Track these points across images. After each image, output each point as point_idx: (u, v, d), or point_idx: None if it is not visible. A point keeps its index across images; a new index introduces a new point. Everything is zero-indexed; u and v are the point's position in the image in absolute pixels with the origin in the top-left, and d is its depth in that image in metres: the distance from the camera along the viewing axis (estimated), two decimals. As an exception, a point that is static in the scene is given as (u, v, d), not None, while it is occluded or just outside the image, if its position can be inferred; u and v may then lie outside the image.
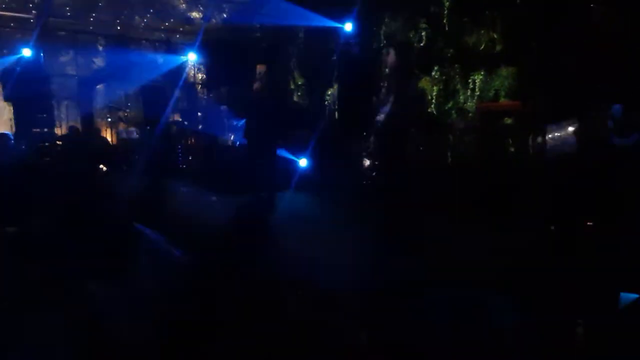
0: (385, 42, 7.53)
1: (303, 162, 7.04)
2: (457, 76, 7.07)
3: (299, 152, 7.09)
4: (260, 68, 5.65)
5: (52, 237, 3.94)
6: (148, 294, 2.80)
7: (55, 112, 10.12)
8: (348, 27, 8.08)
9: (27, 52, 9.11)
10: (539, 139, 3.09)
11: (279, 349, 2.06)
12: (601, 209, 3.41)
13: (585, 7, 3.44)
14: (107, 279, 2.99)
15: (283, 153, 6.86)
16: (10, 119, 9.44)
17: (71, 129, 10.26)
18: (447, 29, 7.19)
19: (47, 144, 8.49)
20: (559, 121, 2.94)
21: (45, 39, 10.60)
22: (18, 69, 9.23)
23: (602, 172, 3.19)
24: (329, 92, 9.10)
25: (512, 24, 6.57)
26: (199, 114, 8.92)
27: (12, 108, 9.30)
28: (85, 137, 8.70)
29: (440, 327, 2.07)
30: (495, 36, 6.85)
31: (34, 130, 8.96)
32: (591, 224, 4.04)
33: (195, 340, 2.18)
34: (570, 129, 2.89)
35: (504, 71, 6.72)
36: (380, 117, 4.53)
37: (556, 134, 2.94)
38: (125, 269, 3.06)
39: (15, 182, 5.04)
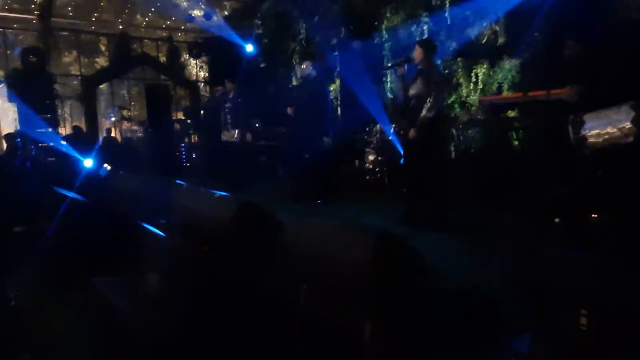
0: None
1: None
2: (460, 70, 7.05)
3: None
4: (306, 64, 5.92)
5: (56, 234, 3.96)
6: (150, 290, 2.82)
7: (59, 113, 10.15)
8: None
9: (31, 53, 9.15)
10: (582, 132, 2.90)
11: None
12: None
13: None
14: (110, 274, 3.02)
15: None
16: (15, 120, 9.50)
17: (75, 129, 10.34)
18: (449, 22, 7.17)
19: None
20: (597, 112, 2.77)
21: (49, 40, 10.66)
22: (22, 69, 9.29)
23: None
24: (332, 87, 9.10)
25: (514, 17, 6.53)
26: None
27: (16, 109, 9.35)
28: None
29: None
30: (498, 29, 6.82)
31: (38, 130, 9.00)
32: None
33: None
34: (623, 118, 2.69)
35: (507, 64, 6.70)
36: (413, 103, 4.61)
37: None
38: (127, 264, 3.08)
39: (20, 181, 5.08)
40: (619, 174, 2.88)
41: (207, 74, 13.63)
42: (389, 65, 5.01)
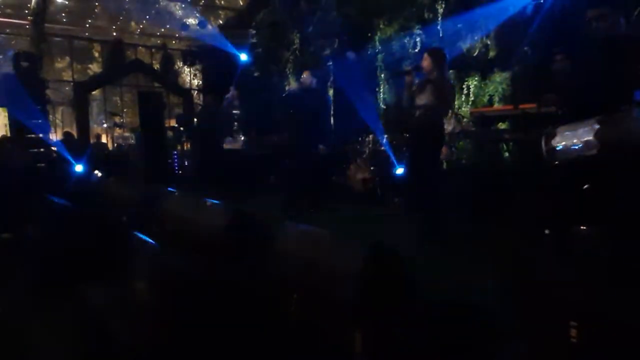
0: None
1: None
2: (451, 81, 7.13)
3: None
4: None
5: (46, 241, 3.92)
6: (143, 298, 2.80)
7: (51, 118, 10.08)
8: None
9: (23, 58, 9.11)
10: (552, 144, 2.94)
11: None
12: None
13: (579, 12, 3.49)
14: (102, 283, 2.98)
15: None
16: (5, 125, 9.41)
17: (66, 134, 10.28)
18: (441, 35, 7.27)
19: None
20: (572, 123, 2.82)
21: (41, 45, 10.62)
22: (13, 74, 9.23)
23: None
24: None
25: (505, 30, 6.65)
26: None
27: (6, 114, 9.27)
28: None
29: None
30: (488, 42, 6.93)
31: (29, 135, 8.92)
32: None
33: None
34: (588, 131, 2.73)
35: (498, 77, 6.81)
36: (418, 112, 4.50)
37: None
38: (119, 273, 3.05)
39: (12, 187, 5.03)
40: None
41: (201, 82, 13.65)
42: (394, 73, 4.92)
